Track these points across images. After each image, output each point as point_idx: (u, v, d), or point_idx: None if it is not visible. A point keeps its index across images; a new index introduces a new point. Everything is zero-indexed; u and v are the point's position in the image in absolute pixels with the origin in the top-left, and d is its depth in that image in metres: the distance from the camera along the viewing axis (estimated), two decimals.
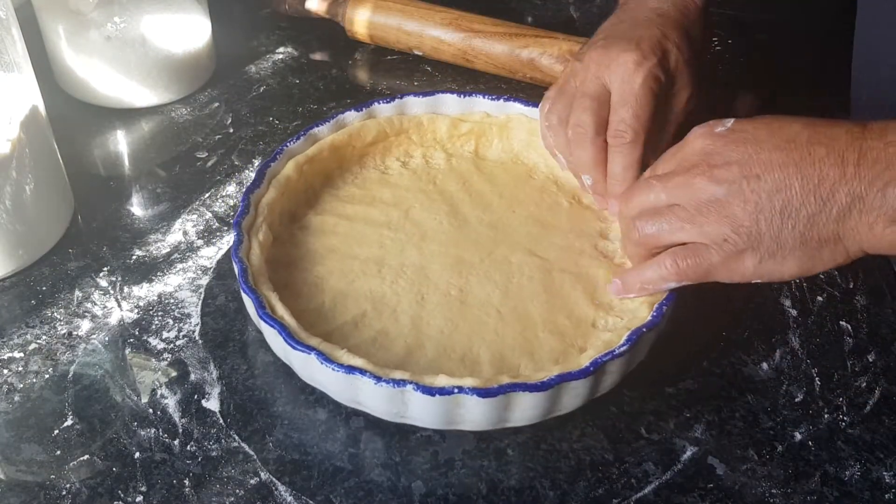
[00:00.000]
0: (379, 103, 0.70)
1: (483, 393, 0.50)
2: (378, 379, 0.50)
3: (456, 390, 0.50)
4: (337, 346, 0.53)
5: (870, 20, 0.66)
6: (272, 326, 0.53)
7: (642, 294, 0.57)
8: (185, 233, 0.68)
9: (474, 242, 0.63)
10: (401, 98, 0.71)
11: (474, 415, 0.52)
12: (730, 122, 0.53)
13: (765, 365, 0.60)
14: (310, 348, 0.52)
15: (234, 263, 0.57)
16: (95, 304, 0.63)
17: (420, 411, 0.52)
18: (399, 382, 0.50)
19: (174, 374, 0.58)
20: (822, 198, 0.49)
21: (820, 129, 0.50)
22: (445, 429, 0.54)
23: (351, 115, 0.69)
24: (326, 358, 0.51)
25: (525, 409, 0.52)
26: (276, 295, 0.56)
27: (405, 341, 0.57)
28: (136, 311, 0.62)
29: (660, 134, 0.64)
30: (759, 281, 0.53)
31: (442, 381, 0.51)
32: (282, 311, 0.55)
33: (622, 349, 0.52)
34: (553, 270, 0.61)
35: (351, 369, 0.51)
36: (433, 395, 0.50)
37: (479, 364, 0.55)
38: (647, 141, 0.61)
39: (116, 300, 0.63)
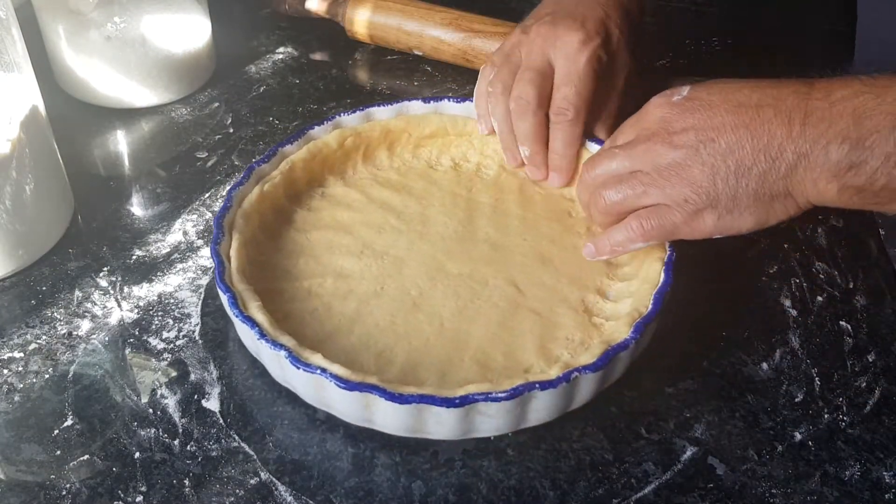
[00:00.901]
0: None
1: (394, 398, 0.50)
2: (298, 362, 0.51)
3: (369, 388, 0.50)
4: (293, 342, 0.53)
5: (871, 21, 0.66)
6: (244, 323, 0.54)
7: (614, 255, 0.60)
8: (185, 233, 0.68)
9: (466, 255, 0.63)
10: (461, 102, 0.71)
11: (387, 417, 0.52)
12: (685, 90, 0.56)
13: (765, 365, 0.60)
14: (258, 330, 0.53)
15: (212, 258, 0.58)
16: (95, 304, 0.63)
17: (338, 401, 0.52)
18: (314, 369, 0.51)
19: (174, 374, 0.58)
20: (772, 156, 0.52)
21: (768, 90, 0.53)
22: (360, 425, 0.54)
23: (347, 119, 0.70)
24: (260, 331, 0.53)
25: (440, 424, 0.52)
26: (252, 290, 0.56)
27: (338, 321, 0.58)
28: (136, 311, 0.62)
29: (603, 110, 0.68)
30: (719, 235, 0.56)
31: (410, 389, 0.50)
32: (254, 309, 0.55)
33: (501, 397, 0.50)
34: (522, 307, 0.59)
35: (278, 346, 0.52)
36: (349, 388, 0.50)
37: (391, 365, 0.55)
38: (587, 118, 0.65)
39: (116, 300, 0.63)
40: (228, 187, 0.72)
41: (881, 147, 0.49)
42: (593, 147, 0.66)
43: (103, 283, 0.64)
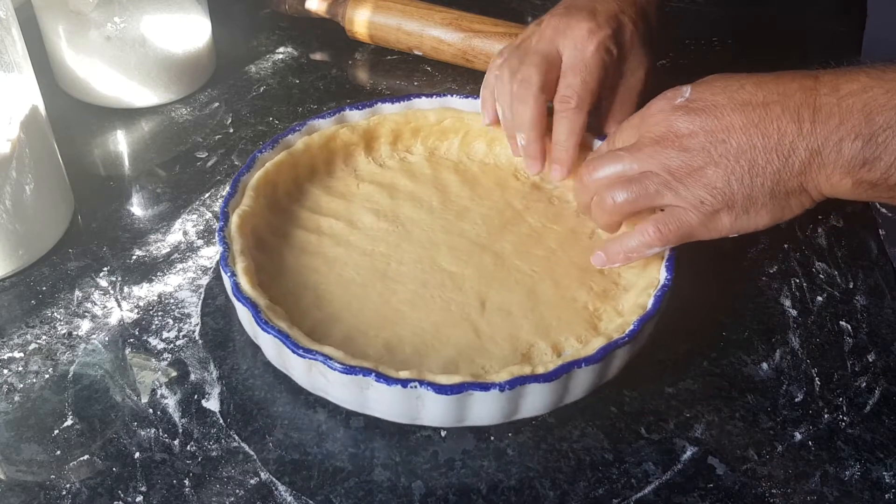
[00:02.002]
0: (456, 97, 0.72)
1: (389, 380, 0.51)
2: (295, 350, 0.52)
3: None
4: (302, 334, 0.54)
5: (880, 21, 0.66)
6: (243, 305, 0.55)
7: (627, 262, 0.59)
8: (185, 233, 0.68)
9: (479, 248, 0.64)
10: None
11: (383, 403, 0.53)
12: (687, 90, 0.56)
13: (765, 365, 0.60)
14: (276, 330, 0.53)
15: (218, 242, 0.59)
16: (95, 304, 0.63)
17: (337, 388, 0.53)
18: (313, 355, 0.52)
19: (174, 374, 0.58)
20: (784, 154, 0.52)
21: (772, 86, 0.53)
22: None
23: (356, 114, 0.71)
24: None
25: (435, 411, 0.52)
26: (248, 279, 0.57)
27: (349, 301, 0.59)
28: (136, 311, 0.62)
29: (618, 108, 0.67)
30: (736, 234, 0.56)
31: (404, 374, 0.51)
32: (250, 289, 0.56)
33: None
34: (535, 297, 0.60)
35: (278, 330, 0.53)
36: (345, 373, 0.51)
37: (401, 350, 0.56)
38: (591, 109, 0.64)
39: (116, 300, 0.63)
40: (229, 187, 0.72)
41: (894, 143, 0.49)
42: (599, 146, 0.66)
43: (103, 283, 0.64)
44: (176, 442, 0.54)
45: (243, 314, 0.57)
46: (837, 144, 0.50)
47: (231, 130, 0.79)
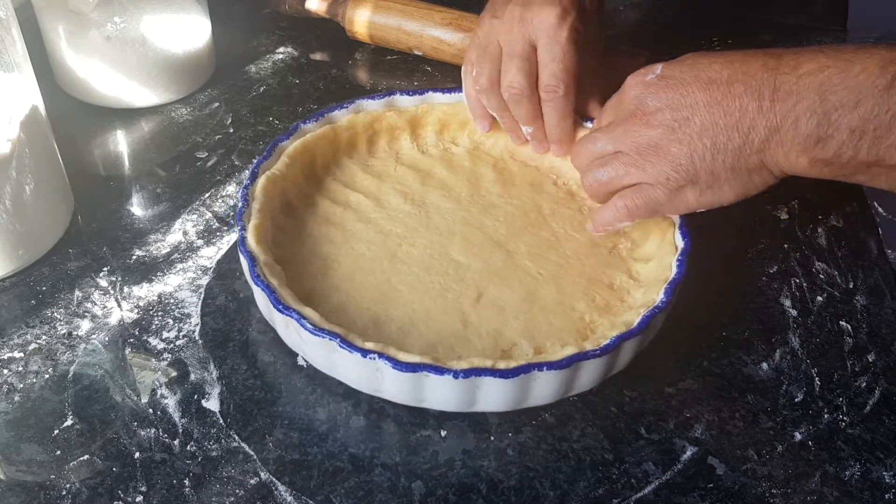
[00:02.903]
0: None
1: (400, 366, 0.52)
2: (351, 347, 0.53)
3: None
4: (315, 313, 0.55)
5: (861, 20, 0.66)
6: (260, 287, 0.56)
7: (606, 231, 0.63)
8: (185, 233, 0.68)
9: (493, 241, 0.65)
10: None
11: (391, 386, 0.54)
12: (658, 68, 0.57)
13: (765, 365, 0.60)
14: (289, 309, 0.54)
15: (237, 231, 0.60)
16: (95, 304, 0.63)
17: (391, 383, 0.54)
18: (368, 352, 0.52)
19: (174, 374, 0.58)
20: (744, 132, 0.53)
21: (738, 65, 0.54)
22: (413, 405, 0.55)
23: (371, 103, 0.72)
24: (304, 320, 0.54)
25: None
26: (268, 259, 0.58)
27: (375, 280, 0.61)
28: (136, 311, 0.62)
29: (584, 86, 0.68)
30: (703, 209, 0.57)
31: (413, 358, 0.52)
32: (269, 274, 0.57)
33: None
34: (543, 286, 0.61)
35: (327, 332, 0.53)
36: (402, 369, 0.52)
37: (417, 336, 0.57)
38: (578, 90, 0.66)
39: (116, 300, 0.63)
40: (229, 187, 0.73)
41: (846, 122, 0.50)
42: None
43: (103, 283, 0.64)
44: (176, 442, 0.54)
45: (244, 266, 0.59)
46: (794, 122, 0.51)
47: (231, 130, 0.79)
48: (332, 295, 0.60)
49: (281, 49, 0.90)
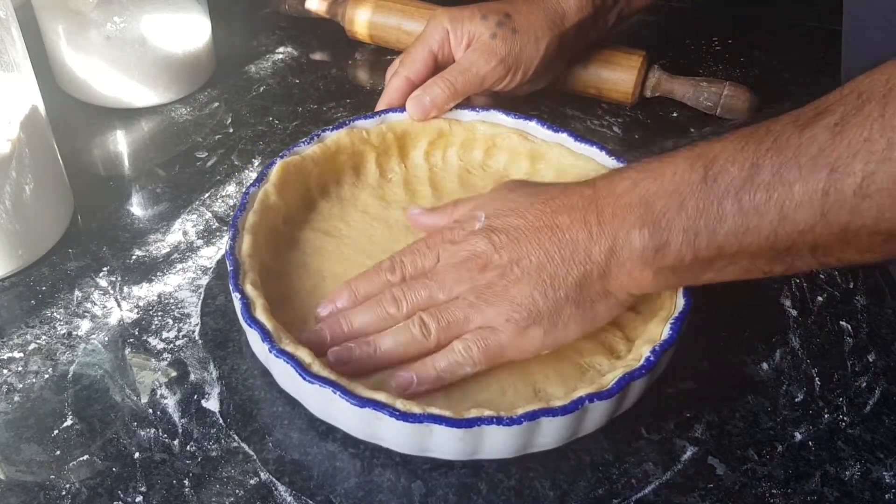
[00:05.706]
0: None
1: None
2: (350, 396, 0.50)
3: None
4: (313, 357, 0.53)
5: (856, 22, 0.66)
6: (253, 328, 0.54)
7: (439, 385, 0.54)
8: (185, 233, 0.68)
9: None
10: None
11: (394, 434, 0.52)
12: (482, 216, 0.56)
13: (765, 365, 0.60)
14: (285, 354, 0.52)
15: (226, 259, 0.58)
16: (95, 304, 0.63)
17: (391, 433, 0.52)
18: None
19: (174, 374, 0.58)
20: (581, 261, 0.53)
21: (558, 200, 0.55)
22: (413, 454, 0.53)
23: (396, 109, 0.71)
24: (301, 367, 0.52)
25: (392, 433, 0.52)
26: (261, 295, 0.56)
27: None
28: (135, 311, 0.62)
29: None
30: (548, 350, 0.55)
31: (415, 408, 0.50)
32: (262, 315, 0.54)
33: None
34: None
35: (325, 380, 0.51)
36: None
37: None
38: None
39: (116, 300, 0.63)
40: (229, 187, 0.73)
41: (677, 223, 0.50)
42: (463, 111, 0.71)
43: (103, 283, 0.64)
44: (176, 442, 0.54)
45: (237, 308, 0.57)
46: (626, 237, 0.51)
47: (231, 130, 0.79)
48: (291, 301, 0.59)
49: (281, 49, 0.90)
